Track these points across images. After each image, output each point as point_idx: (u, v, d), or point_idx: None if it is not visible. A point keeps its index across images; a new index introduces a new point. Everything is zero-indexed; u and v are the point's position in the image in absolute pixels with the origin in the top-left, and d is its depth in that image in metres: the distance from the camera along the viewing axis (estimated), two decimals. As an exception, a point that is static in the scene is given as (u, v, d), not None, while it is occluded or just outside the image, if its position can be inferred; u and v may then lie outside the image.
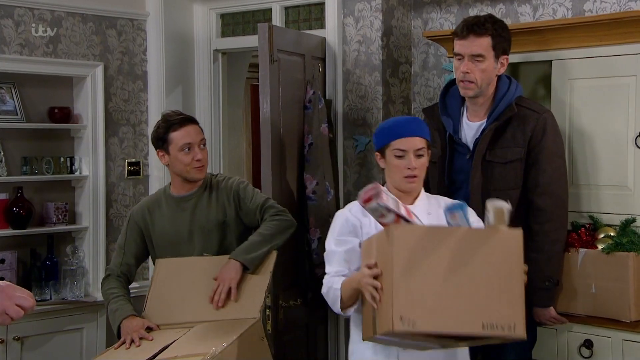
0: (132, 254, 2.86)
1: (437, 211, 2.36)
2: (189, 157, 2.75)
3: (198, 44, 4.40)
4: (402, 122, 2.39)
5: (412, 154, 2.32)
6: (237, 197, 2.82)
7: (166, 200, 2.86)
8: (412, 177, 2.33)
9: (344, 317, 2.76)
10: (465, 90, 2.74)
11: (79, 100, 4.08)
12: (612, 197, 2.95)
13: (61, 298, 3.91)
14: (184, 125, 2.75)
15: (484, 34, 2.70)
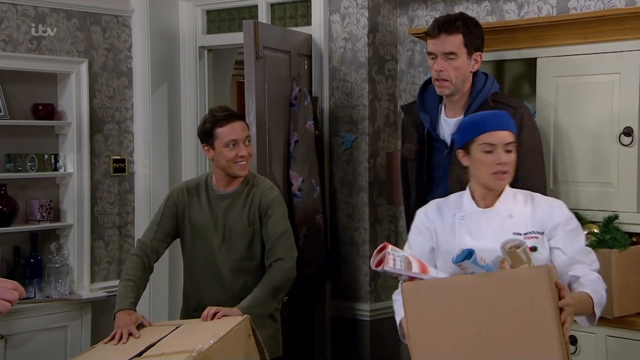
0: (166, 230, 2.90)
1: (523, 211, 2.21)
2: (233, 152, 2.78)
3: (183, 40, 4.38)
4: (489, 116, 2.27)
5: (501, 148, 2.19)
6: (265, 212, 2.84)
7: (206, 190, 2.90)
8: (501, 173, 2.19)
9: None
10: (441, 89, 2.77)
11: (63, 97, 4.05)
12: (596, 194, 2.97)
13: (45, 296, 3.88)
14: (231, 121, 2.78)
15: (454, 32, 2.73)
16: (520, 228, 2.20)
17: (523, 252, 2.00)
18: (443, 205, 2.34)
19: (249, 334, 2.59)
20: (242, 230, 2.83)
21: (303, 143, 3.64)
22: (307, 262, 3.64)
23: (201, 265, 2.89)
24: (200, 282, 2.89)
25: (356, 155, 3.76)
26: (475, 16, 3.52)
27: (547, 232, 2.20)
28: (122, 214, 4.26)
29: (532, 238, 2.18)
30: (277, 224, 2.84)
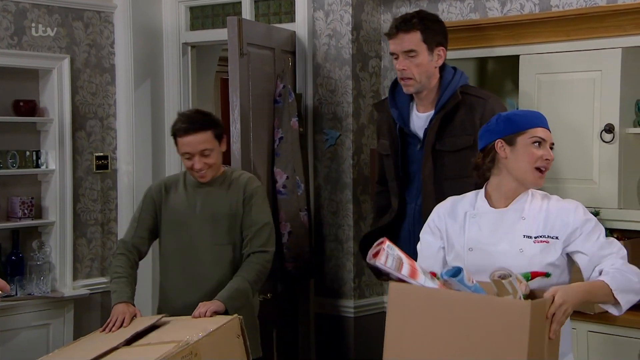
0: (145, 227, 2.92)
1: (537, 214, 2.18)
2: (189, 163, 2.83)
3: (167, 37, 4.36)
4: (537, 114, 2.25)
5: (548, 146, 2.19)
6: (249, 199, 2.87)
7: (184, 182, 2.93)
8: (543, 170, 2.18)
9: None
10: (406, 87, 2.81)
11: (45, 93, 4.02)
12: (578, 191, 2.99)
13: (27, 294, 3.85)
14: (188, 134, 2.78)
15: (411, 30, 2.76)
16: (531, 231, 2.18)
17: (509, 283, 1.98)
18: (458, 204, 2.32)
19: (237, 333, 2.59)
20: (224, 215, 2.84)
21: (287, 140, 3.64)
22: (291, 259, 3.64)
23: (177, 260, 2.88)
24: (176, 279, 2.88)
25: (340, 152, 3.76)
26: (459, 13, 3.54)
27: (564, 238, 2.17)
28: (105, 211, 4.23)
29: (542, 242, 2.16)
30: (261, 213, 2.87)
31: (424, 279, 2.04)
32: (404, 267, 2.03)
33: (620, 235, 2.97)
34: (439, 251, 2.32)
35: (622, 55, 2.89)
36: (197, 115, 2.87)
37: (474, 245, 2.22)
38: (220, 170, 2.92)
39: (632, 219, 2.91)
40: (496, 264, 2.17)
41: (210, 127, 2.81)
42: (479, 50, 3.25)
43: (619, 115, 2.91)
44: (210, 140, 2.80)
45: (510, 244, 2.18)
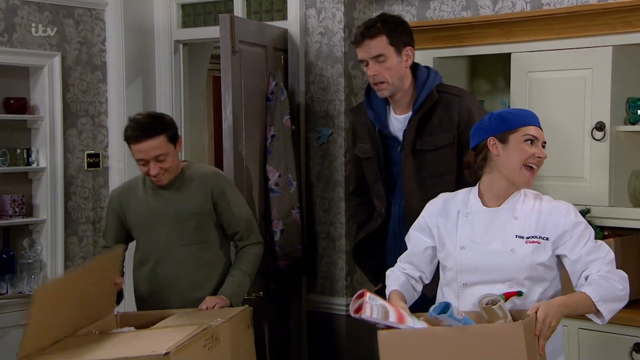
0: (113, 238, 2.91)
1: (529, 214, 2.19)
2: (144, 169, 2.77)
3: (158, 34, 4.35)
4: (530, 113, 2.25)
5: (540, 144, 2.20)
6: (222, 197, 2.83)
7: (144, 185, 2.88)
8: (533, 168, 2.18)
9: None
10: (380, 92, 2.82)
11: (36, 90, 4.00)
12: (569, 189, 3.00)
13: (18, 292, 3.84)
14: (138, 142, 2.71)
15: (377, 35, 2.77)
16: (523, 231, 2.19)
17: (499, 308, 2.00)
18: (450, 202, 2.32)
19: (248, 324, 2.65)
20: (190, 213, 2.80)
21: (279, 138, 3.63)
22: (284, 256, 3.64)
23: (150, 263, 2.84)
24: (149, 284, 2.84)
25: (332, 150, 3.76)
26: (451, 11, 3.55)
27: (554, 239, 2.18)
28: (97, 209, 4.22)
29: (534, 243, 2.17)
30: (241, 207, 2.88)
31: (412, 321, 2.05)
32: (390, 314, 2.04)
33: (611, 232, 2.99)
34: (426, 250, 2.34)
35: (612, 54, 2.90)
36: (148, 119, 2.76)
37: (466, 243, 2.22)
38: (179, 168, 2.85)
39: (622, 216, 2.92)
40: (488, 263, 2.19)
41: (163, 131, 2.72)
42: (470, 48, 3.25)
43: (610, 113, 2.92)
44: (163, 145, 2.71)
45: (502, 244, 2.19)
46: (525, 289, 2.18)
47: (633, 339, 2.80)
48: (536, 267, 2.17)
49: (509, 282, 2.18)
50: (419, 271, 2.36)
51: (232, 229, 2.86)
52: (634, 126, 2.97)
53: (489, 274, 2.19)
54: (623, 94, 2.97)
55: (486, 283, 2.19)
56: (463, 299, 2.22)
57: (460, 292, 2.23)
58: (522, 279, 2.17)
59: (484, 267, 2.20)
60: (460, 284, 2.23)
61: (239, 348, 2.57)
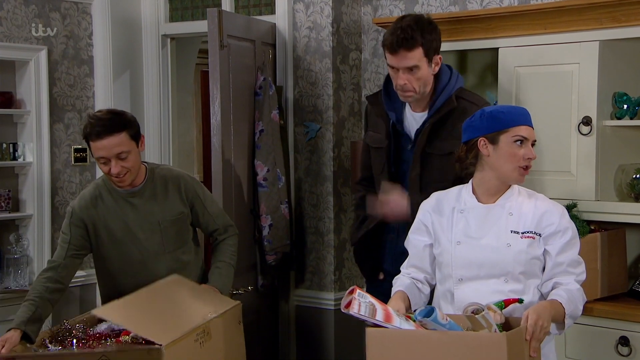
0: (76, 248, 2.74)
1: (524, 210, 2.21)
2: (105, 168, 2.64)
3: (146, 28, 4.32)
4: (521, 111, 2.22)
5: (530, 144, 2.19)
6: (196, 197, 2.81)
7: (109, 192, 2.74)
8: (526, 168, 2.19)
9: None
10: (405, 99, 2.76)
11: (22, 85, 3.97)
12: (556, 183, 3.02)
13: (4, 287, 3.82)
14: (100, 138, 2.58)
15: (414, 47, 2.68)
16: (518, 227, 2.21)
17: (482, 317, 2.02)
18: (443, 199, 2.34)
19: (239, 319, 2.65)
20: (170, 220, 2.74)
21: (268, 133, 3.63)
22: (272, 251, 3.64)
23: (127, 277, 2.74)
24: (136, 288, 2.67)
25: (321, 144, 3.76)
26: (439, 6, 3.55)
27: (545, 236, 2.20)
28: (84, 204, 4.19)
29: (529, 238, 2.19)
30: (213, 203, 2.88)
31: (399, 321, 2.06)
32: (378, 312, 2.06)
33: (597, 227, 3.01)
34: (425, 249, 2.35)
35: (599, 48, 2.91)
36: (109, 115, 2.63)
37: (461, 239, 2.24)
38: (142, 172, 2.73)
39: (609, 210, 2.94)
40: (483, 258, 2.20)
41: (125, 128, 2.60)
42: (458, 43, 3.26)
43: (597, 107, 2.94)
44: (126, 142, 2.60)
45: (497, 239, 2.20)
46: (521, 285, 2.19)
47: (619, 332, 2.82)
48: (531, 261, 2.19)
49: (504, 277, 2.19)
50: (423, 272, 2.36)
51: (211, 227, 2.85)
52: (620, 121, 2.99)
53: (485, 268, 2.20)
54: (610, 89, 2.98)
55: (482, 278, 2.20)
56: (458, 294, 2.23)
57: (455, 288, 2.24)
58: (517, 274, 2.19)
59: (479, 262, 2.21)
60: (455, 280, 2.24)
61: (229, 343, 2.57)
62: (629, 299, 3.00)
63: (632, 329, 2.80)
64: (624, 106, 2.98)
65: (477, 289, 2.21)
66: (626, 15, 2.85)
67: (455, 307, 2.24)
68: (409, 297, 2.28)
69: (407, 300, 2.27)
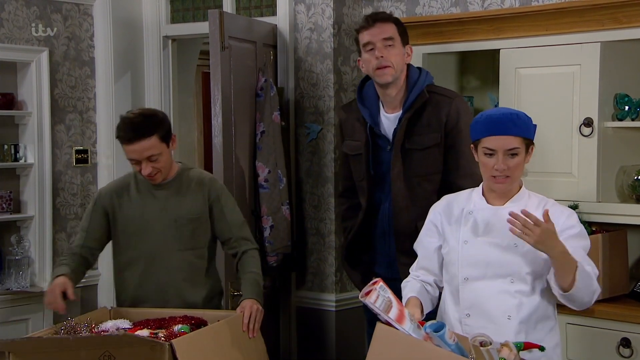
0: (95, 237, 2.79)
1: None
2: (137, 168, 2.71)
3: (147, 30, 4.33)
4: (495, 119, 2.19)
5: (502, 153, 2.16)
6: (217, 200, 2.79)
7: (137, 184, 2.80)
8: (500, 177, 2.18)
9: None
10: (384, 77, 2.80)
11: (23, 86, 3.98)
12: (557, 184, 3.02)
13: (5, 289, 3.82)
14: (130, 143, 2.63)
15: (388, 21, 2.83)
16: None
17: (487, 352, 1.99)
18: (453, 201, 2.36)
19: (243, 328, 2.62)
20: (188, 218, 2.75)
21: (269, 134, 3.63)
22: (273, 252, 3.64)
23: (138, 270, 2.76)
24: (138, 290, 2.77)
25: (322, 146, 3.76)
26: (440, 7, 3.56)
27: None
28: (85, 205, 4.19)
29: None
30: (234, 212, 2.83)
31: (410, 326, 2.06)
32: (392, 310, 2.05)
33: (599, 228, 3.01)
34: (436, 251, 2.36)
35: (600, 50, 2.91)
36: (140, 119, 2.66)
37: (468, 238, 2.25)
38: (175, 169, 2.78)
39: (610, 212, 2.94)
40: (490, 257, 2.20)
41: (155, 131, 2.64)
42: (459, 44, 3.26)
43: (598, 109, 2.94)
44: (156, 146, 2.64)
45: (505, 239, 2.20)
46: (528, 287, 2.18)
47: (620, 334, 2.82)
48: (539, 261, 2.18)
49: (510, 277, 2.19)
50: (432, 275, 2.37)
51: (225, 234, 2.80)
52: (621, 122, 2.99)
53: (492, 268, 2.20)
54: (611, 90, 2.99)
55: (488, 278, 2.20)
56: (464, 294, 2.23)
57: (461, 287, 2.24)
58: (524, 274, 2.19)
59: (486, 261, 2.21)
60: (462, 279, 2.24)
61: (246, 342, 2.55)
62: (631, 300, 3.00)
63: (634, 330, 2.80)
64: (625, 107, 2.98)
65: (483, 289, 2.21)
66: (627, 17, 2.85)
67: (461, 307, 2.24)
68: (422, 303, 2.29)
69: (421, 306, 2.28)
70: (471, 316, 2.21)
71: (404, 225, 2.78)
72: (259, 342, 2.62)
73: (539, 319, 2.21)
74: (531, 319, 2.20)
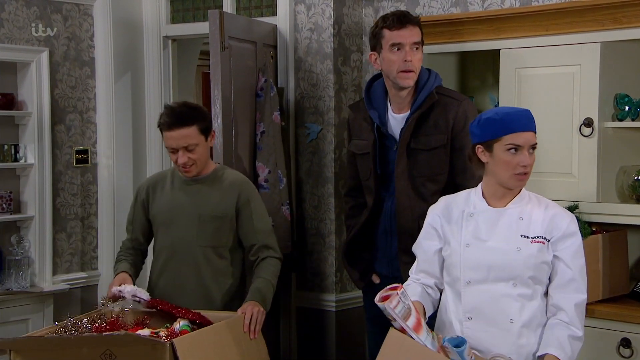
0: (139, 230, 2.91)
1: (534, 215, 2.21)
2: (174, 157, 2.77)
3: (147, 30, 4.33)
4: (517, 115, 2.19)
5: (526, 149, 2.17)
6: (246, 204, 2.81)
7: (172, 178, 2.88)
8: (523, 174, 2.19)
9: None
10: (407, 80, 2.80)
11: (23, 86, 3.98)
12: (557, 185, 3.02)
13: (6, 289, 3.82)
14: (170, 129, 2.72)
15: (417, 24, 2.82)
16: (528, 231, 2.21)
17: None
18: (452, 203, 2.35)
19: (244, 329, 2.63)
20: (211, 215, 2.79)
21: (269, 134, 3.63)
22: (273, 253, 3.64)
23: (163, 259, 2.84)
24: (161, 280, 2.84)
25: (322, 146, 3.76)
26: (440, 7, 3.56)
27: (553, 241, 2.20)
28: (85, 205, 4.20)
29: (538, 242, 2.19)
30: (263, 219, 2.85)
31: (425, 336, 2.05)
32: (411, 318, 2.05)
33: (599, 228, 3.01)
34: (436, 254, 2.35)
35: (601, 50, 2.91)
36: (182, 108, 2.77)
37: (470, 241, 2.24)
38: (211, 167, 2.86)
39: (610, 212, 2.94)
40: (492, 261, 2.20)
41: (195, 122, 2.72)
42: (459, 44, 3.26)
43: (598, 109, 2.94)
44: (194, 136, 2.72)
45: (507, 242, 2.20)
46: (530, 290, 2.19)
47: (620, 334, 2.82)
48: (540, 266, 2.19)
49: (512, 281, 2.19)
50: (433, 278, 2.37)
51: (250, 240, 2.81)
52: (621, 122, 2.99)
53: (494, 271, 2.20)
54: (611, 90, 2.98)
55: (490, 281, 2.20)
56: (466, 297, 2.23)
57: (463, 290, 2.24)
58: (526, 278, 2.19)
59: (488, 265, 2.21)
60: (464, 282, 2.24)
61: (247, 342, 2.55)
62: (631, 300, 3.00)
63: (634, 330, 2.79)
64: (626, 107, 2.98)
65: (486, 292, 2.21)
66: (627, 17, 2.85)
67: (462, 309, 2.23)
68: (424, 307, 2.29)
69: (424, 310, 2.28)
70: (473, 319, 2.21)
71: (407, 224, 2.79)
72: (260, 343, 2.62)
73: (540, 322, 2.21)
74: (532, 323, 2.20)
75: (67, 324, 2.47)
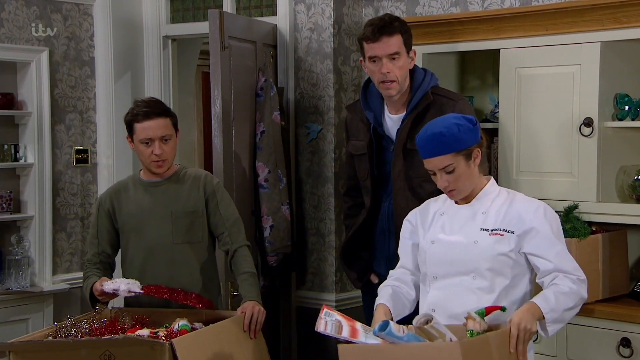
0: (106, 241, 2.83)
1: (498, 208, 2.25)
2: (148, 150, 2.73)
3: (147, 30, 4.33)
4: (421, 141, 2.27)
5: (439, 173, 2.25)
6: (212, 195, 2.82)
7: (134, 184, 2.85)
8: (448, 191, 2.27)
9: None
10: (389, 91, 2.81)
11: (23, 86, 3.98)
12: (557, 184, 3.02)
13: (5, 288, 3.83)
14: (148, 118, 2.70)
15: (394, 33, 2.78)
16: (488, 225, 2.25)
17: (431, 327, 2.05)
18: (430, 204, 2.41)
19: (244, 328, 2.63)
20: (183, 211, 2.77)
21: (269, 134, 3.63)
22: (273, 252, 3.64)
23: (138, 264, 2.78)
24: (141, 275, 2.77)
25: (322, 146, 3.76)
26: (440, 7, 3.56)
27: (519, 233, 2.23)
28: (85, 205, 4.20)
29: (497, 235, 2.23)
30: (230, 208, 2.84)
31: (364, 336, 2.14)
32: (344, 329, 2.15)
33: (599, 228, 3.01)
34: (414, 247, 2.41)
35: (600, 50, 2.91)
36: (156, 101, 2.82)
37: (435, 238, 2.31)
38: (174, 167, 2.84)
39: (610, 212, 2.94)
40: (453, 256, 2.27)
41: (169, 115, 2.78)
42: (459, 44, 3.26)
43: (598, 109, 2.93)
44: (170, 127, 2.74)
45: (466, 237, 2.26)
46: (488, 282, 2.22)
47: (620, 334, 2.82)
48: (497, 257, 2.22)
49: (472, 274, 2.24)
50: (410, 273, 2.42)
51: (219, 229, 2.82)
52: (621, 122, 2.98)
53: (455, 266, 2.26)
54: (611, 90, 2.98)
55: (453, 275, 2.27)
56: (434, 292, 2.30)
57: (430, 285, 2.31)
58: (484, 270, 2.23)
59: (449, 260, 2.27)
60: (431, 277, 2.31)
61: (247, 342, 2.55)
62: (631, 300, 3.00)
63: (634, 330, 2.80)
64: (626, 107, 2.98)
65: (448, 286, 2.27)
66: (627, 17, 2.85)
67: (427, 303, 2.30)
68: (390, 309, 2.32)
69: (389, 314, 2.31)
70: (436, 312, 2.25)
71: None
72: (261, 342, 2.62)
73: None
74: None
75: (66, 325, 2.47)
